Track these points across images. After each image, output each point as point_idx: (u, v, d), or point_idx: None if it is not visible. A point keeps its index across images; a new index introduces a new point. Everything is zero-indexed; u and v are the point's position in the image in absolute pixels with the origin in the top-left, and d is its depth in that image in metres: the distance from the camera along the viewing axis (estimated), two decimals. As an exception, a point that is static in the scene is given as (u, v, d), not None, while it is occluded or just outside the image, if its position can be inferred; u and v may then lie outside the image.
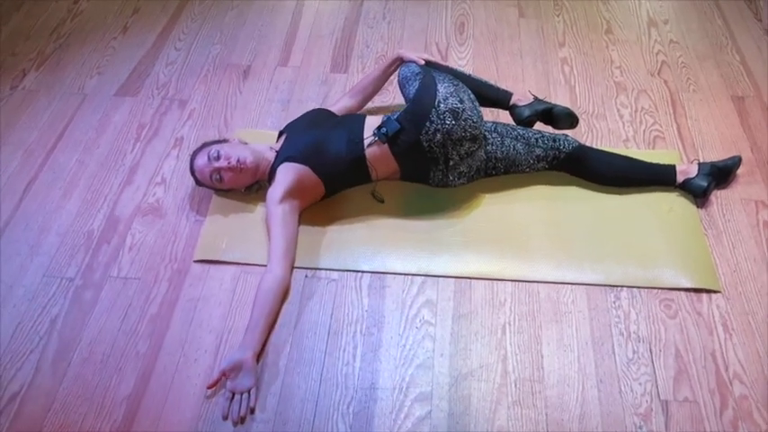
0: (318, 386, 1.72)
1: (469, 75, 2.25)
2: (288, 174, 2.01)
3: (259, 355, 1.75)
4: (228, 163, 2.01)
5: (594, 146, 2.30)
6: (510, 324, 1.83)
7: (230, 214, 2.11)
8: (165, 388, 1.71)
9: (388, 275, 1.95)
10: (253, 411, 1.67)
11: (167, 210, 2.13)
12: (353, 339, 1.81)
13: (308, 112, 2.21)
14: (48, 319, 1.86)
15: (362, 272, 1.96)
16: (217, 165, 2.01)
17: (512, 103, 2.23)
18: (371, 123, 2.06)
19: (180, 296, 1.91)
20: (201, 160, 2.04)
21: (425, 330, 1.82)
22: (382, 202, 2.13)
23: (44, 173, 2.25)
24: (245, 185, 2.10)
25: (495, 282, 1.93)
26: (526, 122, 2.19)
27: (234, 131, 2.37)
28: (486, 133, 2.10)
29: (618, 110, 2.45)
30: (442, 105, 1.94)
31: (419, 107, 1.98)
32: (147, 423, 1.65)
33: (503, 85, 2.51)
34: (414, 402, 1.68)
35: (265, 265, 1.91)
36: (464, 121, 1.96)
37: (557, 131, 2.25)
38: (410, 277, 1.95)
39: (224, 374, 1.69)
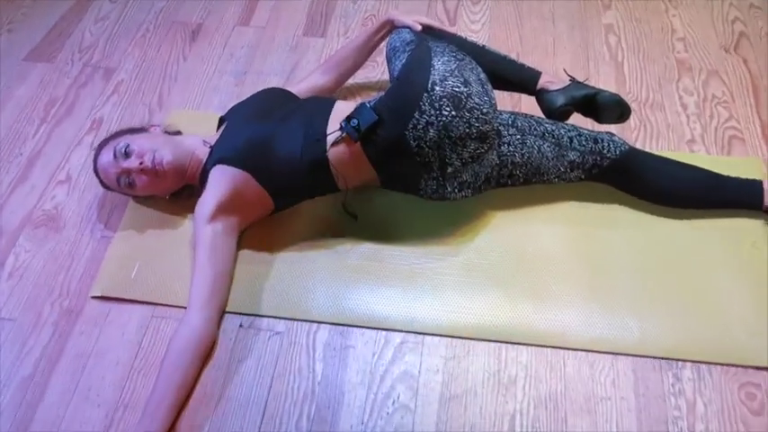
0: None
1: (483, 46, 1.65)
2: (221, 181, 1.44)
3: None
4: (141, 163, 1.44)
5: (648, 149, 1.70)
6: (521, 413, 1.27)
7: (147, 230, 1.55)
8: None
9: (354, 329, 1.40)
10: None
11: (67, 220, 1.59)
12: (296, 427, 1.26)
13: (258, 93, 1.63)
14: None
15: (318, 322, 1.41)
16: (125, 164, 1.45)
17: (540, 86, 1.62)
18: (341, 111, 1.47)
19: (65, 349, 1.38)
20: (106, 157, 1.48)
21: (399, 418, 1.27)
22: (355, 218, 1.56)
23: None
24: (169, 191, 1.55)
25: (502, 345, 1.37)
26: (559, 114, 1.58)
27: (167, 114, 1.80)
28: (502, 128, 1.50)
29: (680, 98, 1.82)
30: (437, 89, 1.35)
31: (405, 91, 1.39)
32: None
33: (527, 61, 1.90)
34: None
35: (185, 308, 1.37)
36: (468, 111, 1.36)
37: (599, 128, 1.65)
38: (384, 333, 1.39)
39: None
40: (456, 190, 1.48)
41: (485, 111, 1.39)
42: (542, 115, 1.61)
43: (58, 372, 1.35)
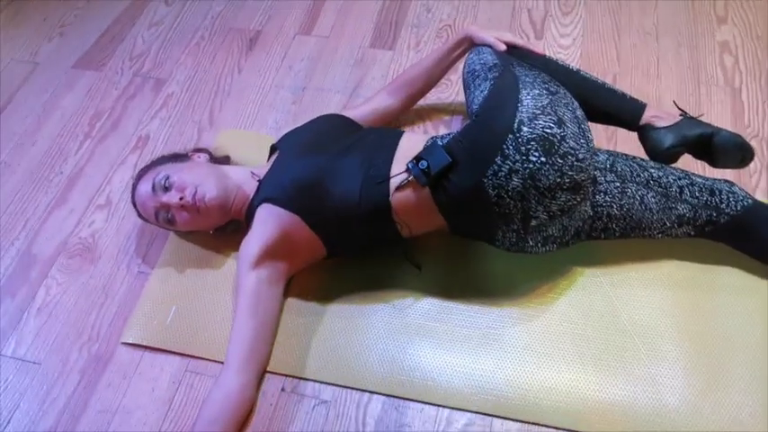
0: None
1: (577, 71, 1.41)
2: (268, 223, 1.27)
3: None
4: (182, 198, 1.29)
5: (772, 198, 1.43)
6: None
7: (187, 269, 1.40)
8: None
9: (412, 404, 1.21)
10: None
11: (103, 251, 1.45)
12: None
13: (316, 119, 1.45)
14: None
15: (371, 392, 1.22)
16: (165, 199, 1.30)
17: (644, 121, 1.38)
18: (409, 149, 1.27)
19: (90, 402, 1.24)
20: (145, 188, 1.33)
21: None
22: (419, 269, 1.36)
23: (-44, 177, 1.63)
24: (212, 227, 1.39)
25: (588, 438, 1.14)
26: (667, 156, 1.34)
27: (217, 133, 1.64)
28: (598, 174, 1.26)
29: (812, 135, 1.54)
30: (525, 129, 1.13)
31: (486, 130, 1.18)
32: None
33: (625, 85, 1.65)
34: None
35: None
36: (561, 157, 1.14)
37: (713, 173, 1.39)
38: (447, 412, 1.19)
39: None
40: (539, 244, 1.26)
41: (581, 156, 1.16)
42: (644, 155, 1.37)
43: (80, 429, 1.22)
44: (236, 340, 1.22)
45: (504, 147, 1.14)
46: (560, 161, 1.15)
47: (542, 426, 1.16)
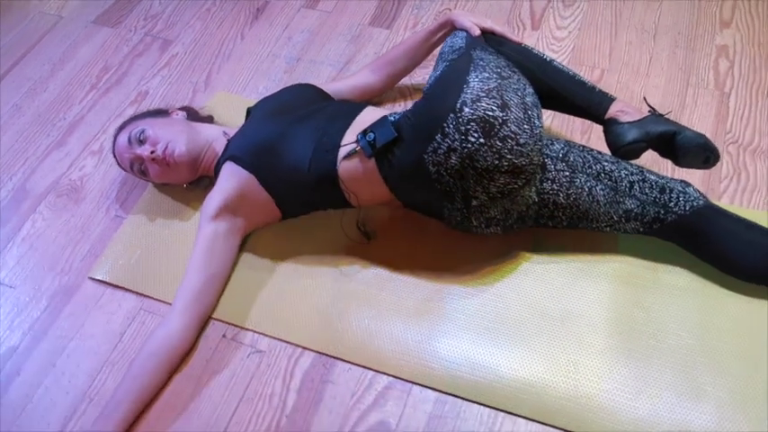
0: None
1: (550, 61, 1.43)
2: (230, 180, 1.36)
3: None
4: (153, 152, 1.38)
5: (736, 204, 1.42)
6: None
7: (158, 218, 1.50)
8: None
9: (340, 363, 1.27)
10: None
11: (88, 193, 1.57)
12: (252, 460, 1.17)
13: (289, 87, 1.52)
14: None
15: (303, 348, 1.29)
16: (138, 151, 1.40)
17: (610, 115, 1.38)
18: (365, 121, 1.33)
19: (52, 327, 1.37)
20: (122, 140, 1.44)
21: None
22: (368, 238, 1.42)
23: (-27, 114, 1.78)
24: (185, 182, 1.48)
25: (500, 415, 1.18)
26: (625, 151, 1.34)
27: (212, 94, 1.73)
28: (548, 161, 1.29)
29: (796, 147, 1.50)
30: (466, 110, 1.17)
31: (431, 108, 1.22)
32: None
33: (612, 81, 1.64)
34: None
35: (173, 306, 1.31)
36: (501, 140, 1.17)
37: (681, 172, 1.38)
38: (371, 374, 1.25)
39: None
40: (483, 225, 1.30)
41: (521, 141, 1.19)
42: (609, 150, 1.38)
43: (39, 349, 1.34)
44: (185, 284, 1.31)
45: (445, 125, 1.19)
46: (499, 144, 1.18)
47: (456, 397, 1.21)
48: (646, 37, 1.75)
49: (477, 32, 1.44)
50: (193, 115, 1.53)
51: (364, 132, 1.27)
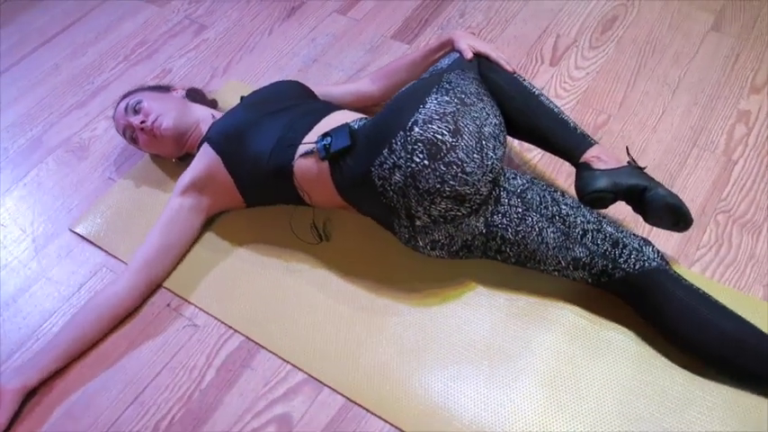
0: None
1: (538, 95, 1.44)
2: (201, 160, 1.47)
3: (32, 392, 1.30)
4: (143, 122, 1.51)
5: (707, 276, 1.38)
6: None
7: (144, 186, 1.64)
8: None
9: (264, 352, 1.35)
10: (-17, 463, 1.24)
11: (92, 154, 1.74)
12: (156, 425, 1.25)
13: (278, 82, 1.62)
14: None
15: (234, 330, 1.38)
16: (131, 119, 1.54)
17: (584, 159, 1.38)
18: (332, 123, 1.40)
19: (26, 267, 1.52)
20: (121, 107, 1.58)
21: (250, 460, 1.20)
22: (321, 239, 1.49)
23: (18, 66, 1.99)
24: (172, 155, 1.60)
25: (396, 432, 1.22)
26: (592, 199, 1.34)
27: (226, 82, 1.85)
28: (504, 195, 1.31)
29: (790, 227, 1.44)
30: (416, 130, 1.22)
31: (384, 121, 1.28)
32: None
33: (614, 129, 1.64)
34: None
35: (131, 268, 1.43)
36: (445, 165, 1.21)
37: (649, 233, 1.36)
38: (289, 368, 1.32)
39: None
40: (428, 247, 1.34)
41: (467, 170, 1.23)
42: (576, 195, 1.38)
43: (8, 284, 1.49)
44: (142, 249, 1.43)
45: (393, 141, 1.24)
46: (443, 168, 1.22)
47: (362, 407, 1.25)
48: (665, 90, 1.72)
49: (470, 56, 1.47)
50: (194, 96, 1.66)
51: (325, 135, 1.35)
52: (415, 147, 1.23)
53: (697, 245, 1.44)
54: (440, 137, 1.23)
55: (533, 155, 1.60)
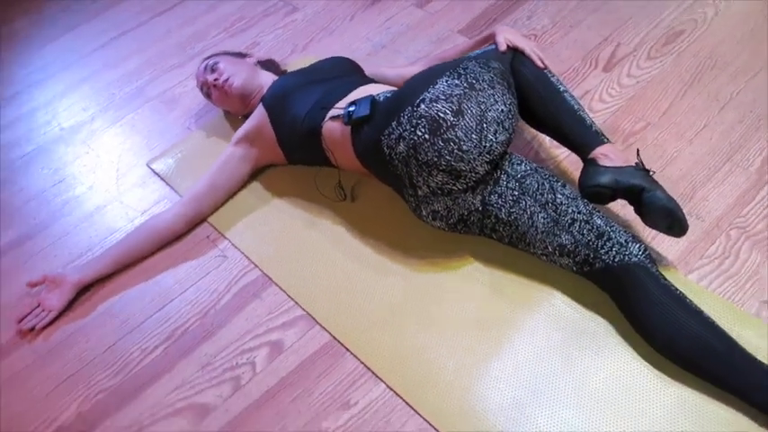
0: (100, 353, 1.46)
1: (563, 92, 1.52)
2: (254, 116, 1.69)
3: (85, 288, 1.57)
4: (216, 80, 1.75)
5: (704, 287, 1.39)
6: (325, 435, 1.28)
7: (212, 137, 1.89)
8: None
9: (275, 287, 1.53)
10: (38, 333, 1.52)
11: (179, 106, 2.02)
12: (173, 331, 1.48)
13: (335, 56, 1.79)
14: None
15: (255, 266, 1.57)
16: (208, 77, 1.78)
17: (592, 155, 1.45)
18: (362, 94, 1.55)
19: (105, 192, 1.81)
20: (201, 66, 1.82)
21: (241, 372, 1.39)
22: (344, 198, 1.65)
23: (139, 29, 2.33)
24: (239, 112, 1.83)
25: (370, 374, 1.35)
26: (591, 193, 1.40)
27: (301, 57, 2.06)
28: (503, 177, 1.40)
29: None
30: (422, 107, 1.35)
31: (398, 98, 1.42)
32: None
33: (649, 137, 1.66)
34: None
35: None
36: (444, 141, 1.33)
37: (640, 229, 1.40)
38: (292, 304, 1.49)
39: (46, 280, 1.56)
40: (430, 216, 1.46)
41: (464, 148, 1.34)
42: (578, 187, 1.44)
43: (90, 202, 1.79)
44: (194, 186, 1.67)
45: (401, 115, 1.37)
46: (441, 144, 1.34)
47: (343, 346, 1.40)
48: (713, 105, 1.71)
49: (503, 48, 1.57)
50: (265, 64, 1.87)
51: (352, 103, 1.50)
52: (419, 121, 1.35)
53: (701, 255, 1.44)
54: (442, 115, 1.35)
55: (562, 150, 1.66)
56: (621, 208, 1.53)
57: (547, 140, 1.69)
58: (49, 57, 2.30)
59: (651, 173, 1.42)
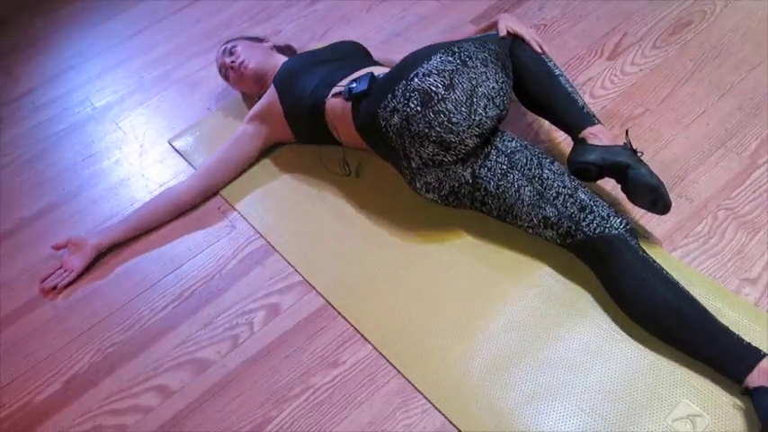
0: (114, 311, 1.58)
1: (558, 75, 1.57)
2: (266, 96, 1.78)
3: (105, 251, 1.69)
4: (233, 62, 1.86)
5: (686, 263, 1.42)
6: (314, 391, 1.36)
7: (229, 117, 1.99)
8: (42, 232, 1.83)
9: (277, 255, 1.62)
10: (59, 291, 1.64)
11: (202, 89, 2.13)
12: (181, 290, 1.58)
13: (346, 40, 1.88)
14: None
15: (260, 235, 1.66)
16: (225, 59, 1.89)
17: (582, 134, 1.50)
18: (364, 73, 1.63)
19: (130, 164, 1.93)
20: (221, 49, 1.93)
21: (239, 331, 1.48)
22: (348, 174, 1.73)
23: (172, 17, 2.47)
24: (254, 93, 1.93)
25: (357, 335, 1.43)
26: (578, 169, 1.45)
27: (316, 44, 2.16)
28: (493, 151, 1.46)
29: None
30: (415, 81, 1.42)
31: (395, 73, 1.49)
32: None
33: (646, 122, 1.70)
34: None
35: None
36: (434, 113, 1.40)
37: (621, 206, 1.44)
38: (291, 271, 1.58)
39: (69, 244, 1.68)
40: (423, 189, 1.53)
41: (453, 120, 1.40)
42: (568, 165, 1.48)
43: (114, 174, 1.91)
44: (208, 158, 1.78)
45: (396, 89, 1.44)
46: (432, 115, 1.41)
47: (333, 307, 1.48)
48: (713, 93, 1.73)
49: (503, 34, 1.63)
50: (281, 49, 1.97)
51: (352, 81, 1.58)
52: (412, 94, 1.42)
53: (687, 234, 1.47)
54: (434, 88, 1.41)
55: (561, 133, 1.71)
56: (613, 188, 1.57)
57: (546, 124, 1.74)
58: (91, 41, 2.46)
59: (639, 153, 1.46)
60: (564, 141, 1.69)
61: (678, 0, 2.02)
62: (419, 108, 1.42)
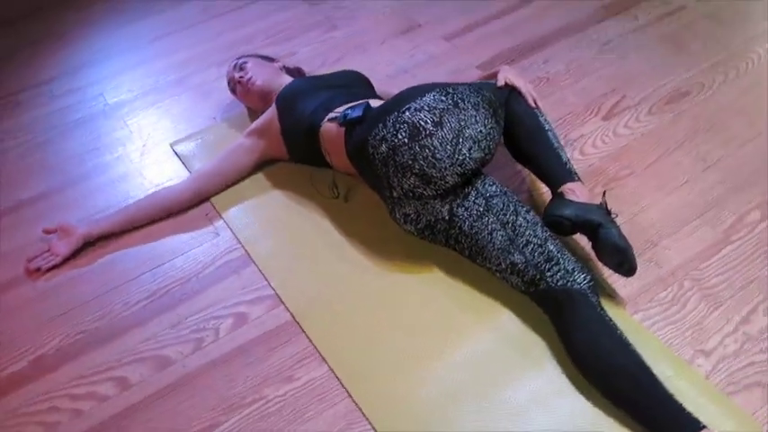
0: (89, 300, 1.63)
1: (547, 130, 1.62)
2: (268, 112, 1.85)
3: (92, 241, 1.74)
4: (241, 77, 1.94)
5: (651, 331, 1.44)
6: (268, 397, 1.39)
7: (232, 129, 2.06)
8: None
9: (254, 267, 1.66)
10: (42, 274, 1.69)
11: (211, 99, 2.20)
12: (161, 287, 1.63)
13: (348, 69, 1.96)
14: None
15: (242, 245, 1.71)
16: (235, 74, 1.97)
17: (561, 189, 1.54)
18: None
19: (132, 161, 2.00)
20: (232, 64, 2.01)
21: (203, 336, 1.52)
22: (337, 196, 1.78)
23: (196, 28, 2.55)
24: (258, 109, 2.00)
25: (315, 352, 1.46)
26: (551, 222, 1.50)
27: (324, 69, 2.23)
28: (472, 193, 1.51)
29: (754, 313, 1.44)
30: (406, 114, 1.48)
31: (389, 105, 1.56)
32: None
33: (629, 186, 1.74)
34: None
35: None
36: (420, 147, 1.45)
37: (592, 262, 1.47)
38: (265, 284, 1.62)
39: (59, 229, 1.74)
40: (402, 219, 1.57)
41: (438, 156, 1.45)
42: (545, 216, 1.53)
43: (115, 170, 1.98)
44: (203, 165, 1.84)
45: (387, 119, 1.50)
46: (417, 149, 1.46)
47: (298, 324, 1.52)
48: (698, 164, 1.76)
49: (500, 84, 1.69)
50: (289, 70, 2.04)
51: (348, 108, 1.64)
52: (402, 126, 1.48)
53: (651, 298, 1.49)
54: (423, 123, 1.47)
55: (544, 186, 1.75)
56: (587, 244, 1.59)
57: (532, 174, 1.78)
58: (116, 39, 2.55)
59: (614, 215, 1.49)
60: (546, 193, 1.73)
61: (680, 70, 2.08)
62: (406, 140, 1.47)
